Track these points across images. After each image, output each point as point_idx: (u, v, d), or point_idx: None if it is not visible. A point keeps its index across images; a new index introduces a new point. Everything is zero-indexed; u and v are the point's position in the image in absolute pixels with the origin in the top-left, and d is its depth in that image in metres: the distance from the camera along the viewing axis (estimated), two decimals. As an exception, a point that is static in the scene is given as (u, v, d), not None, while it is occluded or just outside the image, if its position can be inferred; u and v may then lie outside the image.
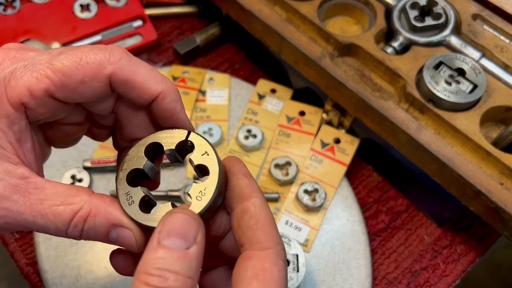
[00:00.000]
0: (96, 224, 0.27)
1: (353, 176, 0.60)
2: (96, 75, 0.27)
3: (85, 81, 0.27)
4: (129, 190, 0.29)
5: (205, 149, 0.29)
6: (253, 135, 0.60)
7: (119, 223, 0.28)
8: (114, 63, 0.28)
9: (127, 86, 0.28)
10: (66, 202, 0.27)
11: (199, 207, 0.28)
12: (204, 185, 0.28)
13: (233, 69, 0.69)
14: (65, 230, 0.27)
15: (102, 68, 0.27)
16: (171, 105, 0.29)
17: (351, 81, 0.52)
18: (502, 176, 0.46)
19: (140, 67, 0.28)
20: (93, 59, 0.27)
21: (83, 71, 0.27)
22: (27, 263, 0.53)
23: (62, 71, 0.27)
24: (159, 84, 0.29)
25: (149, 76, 0.28)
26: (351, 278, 0.53)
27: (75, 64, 0.27)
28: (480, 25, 0.54)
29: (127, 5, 0.69)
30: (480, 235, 0.57)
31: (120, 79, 0.28)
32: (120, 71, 0.28)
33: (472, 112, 0.48)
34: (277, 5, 0.58)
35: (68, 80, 0.27)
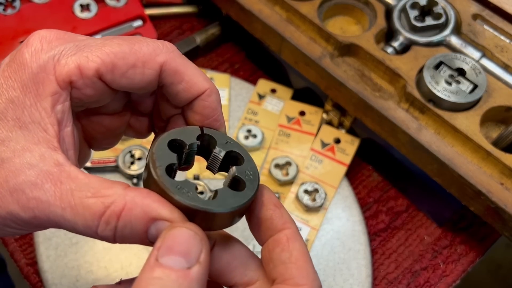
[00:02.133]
0: (132, 220, 0.24)
1: (353, 176, 0.60)
2: (148, 62, 0.27)
3: (136, 65, 0.27)
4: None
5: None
6: (253, 135, 0.60)
7: (159, 215, 0.24)
8: (167, 52, 0.28)
9: (177, 78, 0.28)
10: (98, 194, 0.24)
11: (248, 195, 0.27)
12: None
13: (233, 69, 0.69)
14: (96, 228, 0.24)
15: (155, 55, 0.27)
16: (214, 104, 0.29)
17: (351, 81, 0.52)
18: (502, 176, 0.46)
19: (190, 63, 0.29)
20: (146, 46, 0.27)
21: (136, 56, 0.27)
22: (27, 263, 0.53)
23: (115, 52, 0.26)
24: (207, 81, 0.29)
25: (198, 73, 0.29)
26: (351, 278, 0.53)
27: (129, 48, 0.27)
28: (480, 25, 0.54)
29: (127, 5, 0.69)
30: (480, 235, 0.57)
31: (171, 69, 0.28)
32: (172, 61, 0.28)
33: (472, 112, 0.48)
34: (277, 5, 0.58)
35: (120, 62, 0.26)
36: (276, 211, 0.28)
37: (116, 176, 0.58)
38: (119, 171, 0.58)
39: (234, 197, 0.27)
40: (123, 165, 0.57)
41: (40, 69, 0.26)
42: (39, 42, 0.27)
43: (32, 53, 0.26)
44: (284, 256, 0.27)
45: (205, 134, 0.30)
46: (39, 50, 0.26)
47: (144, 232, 0.24)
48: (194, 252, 0.23)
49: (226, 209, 0.26)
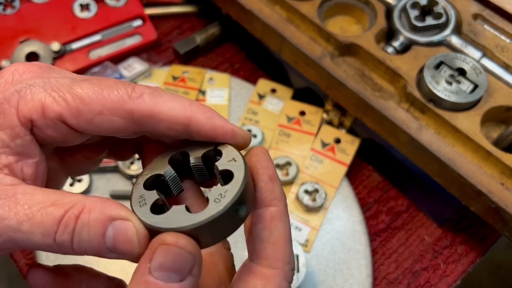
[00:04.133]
0: (90, 221, 0.24)
1: (353, 176, 0.60)
2: (116, 109, 0.25)
3: (102, 112, 0.25)
4: (144, 193, 0.27)
5: (234, 156, 0.27)
6: (253, 135, 0.60)
7: (118, 215, 0.24)
8: (135, 98, 0.26)
9: (153, 121, 0.26)
10: (57, 202, 0.24)
11: (214, 209, 0.24)
12: (226, 189, 0.25)
13: (233, 69, 0.69)
14: (54, 233, 0.24)
15: (123, 103, 0.25)
16: (208, 125, 0.26)
17: (351, 81, 0.52)
18: (502, 176, 0.46)
19: (163, 98, 0.26)
20: (115, 92, 0.26)
21: (102, 103, 0.25)
22: (27, 263, 0.53)
23: (81, 97, 0.25)
24: (187, 109, 0.26)
25: (175, 104, 0.26)
26: (352, 278, 0.53)
27: (96, 94, 0.25)
28: (481, 24, 0.54)
29: (127, 5, 0.68)
30: (480, 235, 0.56)
31: (144, 115, 0.26)
32: (142, 106, 0.26)
33: (472, 112, 0.48)
34: (277, 5, 0.58)
35: (85, 108, 0.25)
36: (269, 185, 0.27)
37: (116, 176, 0.58)
38: (119, 171, 0.58)
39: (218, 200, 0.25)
40: (123, 165, 0.57)
41: (5, 100, 0.25)
42: (10, 74, 0.26)
43: (1, 84, 0.26)
44: (263, 235, 0.27)
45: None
46: (9, 81, 0.26)
47: (102, 235, 0.24)
48: (186, 268, 0.23)
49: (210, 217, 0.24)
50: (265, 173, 0.27)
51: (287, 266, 0.27)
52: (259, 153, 0.28)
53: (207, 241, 0.25)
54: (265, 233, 0.27)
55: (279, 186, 0.28)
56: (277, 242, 0.27)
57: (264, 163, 0.28)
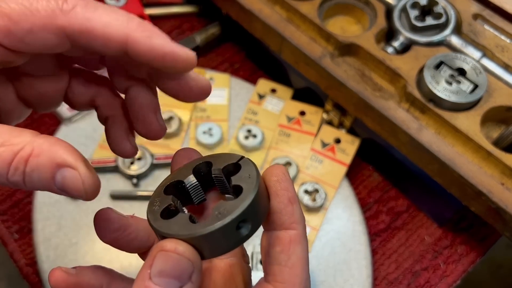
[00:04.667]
0: (39, 165, 0.23)
1: (353, 176, 0.60)
2: (46, 25, 0.23)
3: (33, 30, 0.23)
4: (161, 197, 0.27)
5: (249, 172, 0.26)
6: (253, 135, 0.60)
7: (64, 162, 0.24)
8: (67, 11, 0.23)
9: (86, 37, 0.24)
10: (7, 143, 0.23)
11: (212, 224, 0.24)
12: (230, 204, 0.25)
13: (233, 68, 0.69)
14: (6, 175, 0.24)
15: (53, 17, 0.23)
16: (146, 45, 0.24)
17: (351, 81, 0.52)
18: (503, 176, 0.46)
19: (98, 11, 0.24)
20: (45, 6, 0.23)
21: (32, 19, 0.23)
22: (27, 263, 0.53)
23: (9, 15, 0.23)
24: (123, 26, 0.24)
25: (111, 20, 0.24)
26: (352, 279, 0.53)
27: (24, 9, 0.23)
28: (481, 24, 0.54)
29: (126, 5, 0.68)
30: (481, 235, 0.56)
31: (76, 30, 0.24)
32: (74, 20, 0.23)
33: (473, 112, 0.48)
34: (277, 5, 0.57)
35: (14, 27, 0.23)
36: (288, 207, 0.27)
37: (116, 176, 0.58)
38: (119, 171, 0.58)
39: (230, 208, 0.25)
40: (123, 165, 0.57)
41: None
42: None
43: None
44: (281, 258, 0.26)
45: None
46: None
47: (51, 178, 0.24)
48: (185, 275, 0.23)
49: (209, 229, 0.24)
50: (285, 195, 0.27)
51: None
52: (280, 173, 0.27)
53: (207, 253, 0.25)
54: (283, 256, 0.26)
55: (298, 209, 0.27)
56: (294, 266, 0.26)
57: (284, 185, 0.27)
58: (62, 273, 0.28)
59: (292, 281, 0.26)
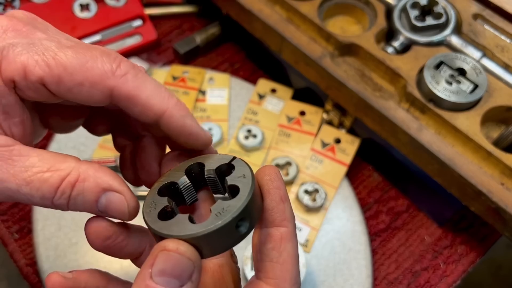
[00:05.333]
0: (85, 189, 0.26)
1: (353, 176, 0.60)
2: (97, 83, 0.26)
3: (83, 84, 0.25)
4: (156, 199, 0.28)
5: (244, 172, 0.27)
6: (253, 135, 0.60)
7: (110, 187, 0.26)
8: (119, 76, 0.26)
9: (130, 102, 0.26)
10: (53, 168, 0.25)
11: (212, 223, 0.25)
12: (228, 204, 0.26)
13: (233, 68, 0.69)
14: (52, 198, 0.25)
15: (105, 78, 0.26)
16: (179, 122, 0.27)
17: (351, 81, 0.52)
18: (503, 176, 0.46)
19: (146, 83, 0.26)
20: (100, 66, 0.25)
21: (85, 74, 0.25)
22: (27, 263, 0.53)
23: (65, 65, 0.25)
24: (164, 101, 0.27)
25: (155, 93, 0.26)
26: (352, 279, 0.53)
27: (80, 64, 0.25)
28: (481, 24, 0.54)
29: (126, 5, 0.68)
30: (480, 235, 0.56)
31: (122, 95, 0.26)
32: (123, 86, 0.26)
33: (473, 112, 0.48)
34: (277, 5, 0.57)
35: (67, 77, 0.25)
36: (280, 205, 0.28)
37: (116, 176, 0.58)
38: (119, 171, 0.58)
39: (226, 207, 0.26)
40: (123, 165, 0.57)
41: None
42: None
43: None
44: (273, 255, 0.27)
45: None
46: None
47: (95, 202, 0.26)
48: (185, 274, 0.24)
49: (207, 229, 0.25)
50: (276, 193, 0.28)
51: (294, 287, 0.27)
52: (272, 172, 0.29)
53: (207, 252, 0.25)
54: (275, 253, 0.27)
55: (289, 207, 0.28)
56: (285, 262, 0.27)
57: (276, 183, 0.28)
58: (59, 278, 0.29)
59: (283, 277, 0.27)
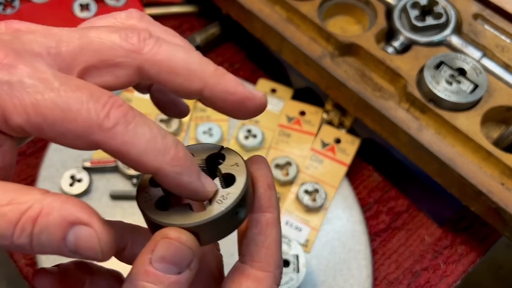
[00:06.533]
0: (49, 225, 0.22)
1: (353, 176, 0.60)
2: (81, 137, 0.22)
3: (66, 136, 0.22)
4: (149, 189, 0.28)
5: (236, 161, 0.28)
6: (253, 135, 0.60)
7: (77, 219, 0.22)
8: (106, 130, 0.22)
9: (119, 157, 0.23)
10: (14, 201, 0.22)
11: (216, 210, 0.25)
12: (228, 191, 0.26)
13: (233, 68, 0.69)
14: (11, 236, 0.22)
15: (90, 133, 0.22)
16: (173, 181, 0.24)
17: (351, 81, 0.52)
18: (503, 176, 0.46)
19: (138, 135, 0.23)
20: (84, 118, 0.22)
21: (67, 127, 0.22)
22: (27, 263, 0.53)
23: (44, 115, 0.22)
24: (159, 158, 0.23)
25: (148, 148, 0.23)
26: (352, 279, 0.53)
27: (62, 114, 0.22)
28: (481, 24, 0.54)
29: (126, 5, 0.68)
30: (481, 235, 0.56)
31: (110, 150, 0.23)
32: (110, 141, 0.22)
33: (473, 112, 0.48)
34: (277, 5, 0.57)
35: (48, 128, 0.22)
36: (267, 192, 0.28)
37: (116, 176, 0.58)
38: (119, 171, 0.58)
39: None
40: (122, 165, 0.57)
41: None
42: None
43: None
44: (259, 239, 0.28)
45: (220, 152, 0.29)
46: None
47: (62, 239, 0.22)
48: (185, 262, 0.24)
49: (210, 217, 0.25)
50: (264, 180, 0.29)
51: (277, 270, 0.28)
52: (260, 161, 0.29)
53: (207, 239, 0.26)
54: (260, 237, 0.28)
55: (275, 195, 0.29)
56: (270, 247, 0.28)
57: (264, 171, 0.29)
58: (46, 274, 0.29)
59: (268, 261, 0.28)
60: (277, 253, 0.28)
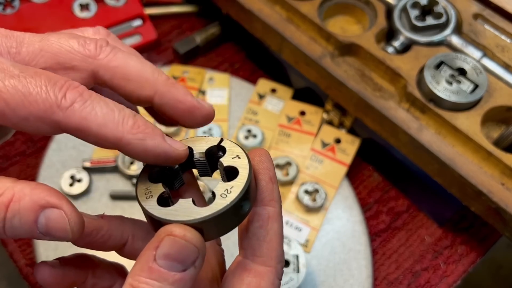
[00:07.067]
0: (20, 209, 0.23)
1: (353, 176, 0.60)
2: (42, 118, 0.23)
3: (28, 119, 0.23)
4: (149, 186, 0.27)
5: (237, 153, 0.28)
6: (253, 135, 0.60)
7: (47, 203, 0.24)
8: (64, 108, 0.23)
9: (81, 134, 0.24)
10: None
11: (221, 204, 0.25)
12: (231, 184, 0.26)
13: (233, 68, 0.69)
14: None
15: (50, 113, 0.23)
16: (138, 148, 0.25)
17: (351, 81, 0.52)
18: (503, 176, 0.46)
19: (96, 109, 0.24)
20: (43, 99, 0.23)
21: (28, 110, 0.23)
22: (27, 263, 0.53)
23: (6, 101, 0.23)
24: (119, 128, 0.24)
25: (107, 119, 0.24)
26: (352, 279, 0.53)
27: (23, 98, 0.23)
28: (481, 24, 0.54)
29: (126, 5, 0.68)
30: (481, 235, 0.56)
31: (71, 127, 0.24)
32: (69, 119, 0.23)
33: (473, 112, 0.48)
34: (277, 5, 0.57)
35: (10, 113, 0.23)
36: (269, 186, 0.28)
37: (116, 176, 0.58)
38: (118, 171, 0.58)
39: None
40: (122, 165, 0.57)
41: None
42: None
43: None
44: (260, 233, 0.28)
45: (220, 145, 0.29)
46: None
47: (34, 222, 0.24)
48: (190, 260, 0.24)
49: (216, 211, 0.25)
50: (266, 173, 0.28)
51: (279, 265, 0.28)
52: (262, 154, 0.29)
53: (212, 235, 0.26)
54: (262, 231, 0.28)
55: (277, 188, 0.29)
56: (272, 241, 0.28)
57: (266, 164, 0.29)
58: (47, 267, 0.29)
59: (270, 255, 0.28)
60: (278, 247, 0.28)
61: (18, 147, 0.60)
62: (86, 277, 0.30)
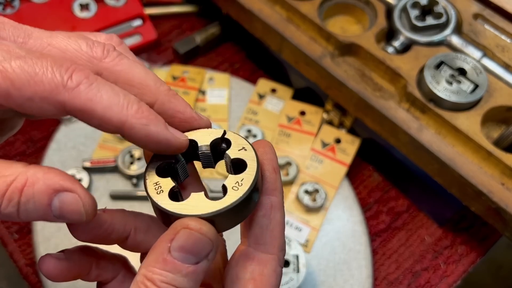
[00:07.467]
0: (35, 193, 0.24)
1: (354, 176, 0.60)
2: (47, 98, 0.24)
3: (33, 99, 0.24)
4: (159, 181, 0.27)
5: (243, 145, 0.28)
6: (253, 135, 0.60)
7: (61, 187, 0.24)
8: (70, 89, 0.24)
9: (85, 116, 0.25)
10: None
11: (234, 197, 0.26)
12: (241, 177, 0.27)
13: (233, 68, 0.69)
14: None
15: (56, 92, 0.24)
16: (141, 132, 0.25)
17: (351, 81, 0.52)
18: (503, 176, 0.46)
19: (101, 92, 0.24)
20: (49, 79, 0.23)
21: (33, 89, 0.23)
22: (27, 263, 0.53)
23: (12, 80, 0.23)
24: (123, 111, 0.24)
25: (112, 103, 0.24)
26: (352, 279, 0.53)
27: (28, 77, 0.23)
28: (481, 24, 0.54)
29: (126, 5, 0.68)
30: (481, 235, 0.56)
31: (76, 108, 0.24)
32: (75, 100, 0.24)
33: (473, 112, 0.48)
34: (277, 5, 0.57)
35: (15, 92, 0.23)
36: (272, 175, 0.29)
37: (116, 176, 0.58)
38: (118, 171, 0.58)
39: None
40: (122, 165, 0.57)
41: None
42: None
43: None
44: (263, 222, 0.28)
45: (224, 137, 0.29)
46: None
47: (48, 205, 0.24)
48: (204, 252, 0.25)
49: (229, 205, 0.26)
50: (270, 164, 0.29)
51: (281, 253, 0.29)
52: (266, 145, 0.30)
53: (224, 227, 0.27)
54: (265, 220, 0.28)
55: (280, 179, 0.29)
56: (274, 229, 0.28)
57: (269, 155, 0.29)
58: (52, 260, 0.29)
59: (272, 243, 0.28)
60: (281, 235, 0.29)
61: (18, 147, 0.60)
62: (90, 269, 0.31)
